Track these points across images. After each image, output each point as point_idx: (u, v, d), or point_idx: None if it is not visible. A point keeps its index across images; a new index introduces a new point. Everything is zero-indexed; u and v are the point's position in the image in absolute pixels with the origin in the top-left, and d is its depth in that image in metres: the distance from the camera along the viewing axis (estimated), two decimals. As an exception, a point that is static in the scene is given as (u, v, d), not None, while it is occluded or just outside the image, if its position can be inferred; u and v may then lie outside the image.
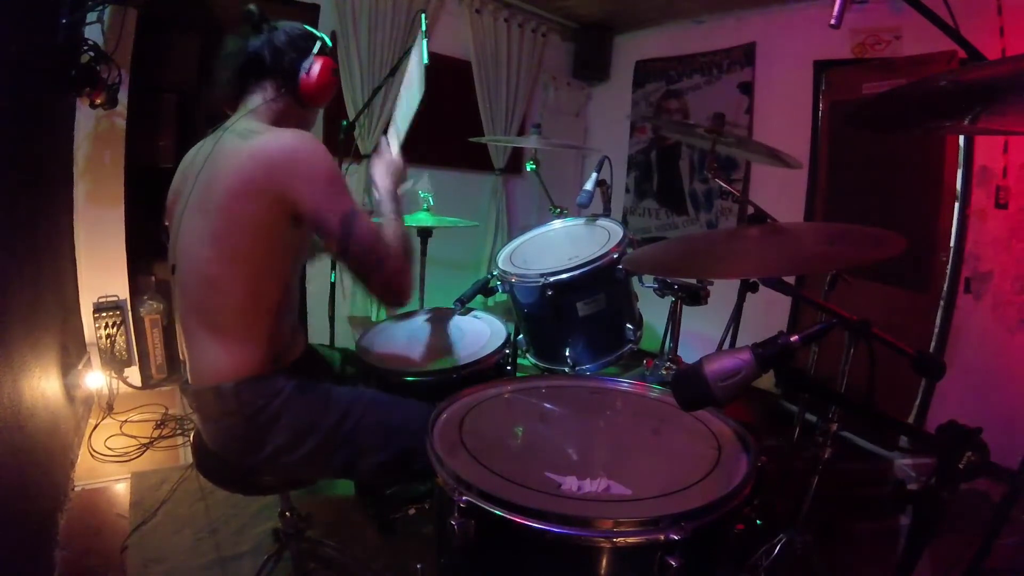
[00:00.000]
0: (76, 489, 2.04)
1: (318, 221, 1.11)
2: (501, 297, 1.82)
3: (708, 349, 0.93)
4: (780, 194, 3.25)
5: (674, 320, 1.77)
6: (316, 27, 1.37)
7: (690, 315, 1.73)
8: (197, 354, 1.16)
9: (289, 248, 1.14)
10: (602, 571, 0.80)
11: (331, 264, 2.47)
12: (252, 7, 1.20)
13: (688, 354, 1.57)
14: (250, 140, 1.10)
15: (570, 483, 0.89)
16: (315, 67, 1.21)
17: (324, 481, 1.96)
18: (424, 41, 2.22)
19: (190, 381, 1.19)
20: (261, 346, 1.14)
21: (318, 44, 1.23)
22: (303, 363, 1.27)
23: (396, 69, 2.79)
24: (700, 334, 2.46)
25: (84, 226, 2.60)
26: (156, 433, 2.44)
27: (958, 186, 2.57)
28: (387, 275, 1.17)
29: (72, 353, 2.33)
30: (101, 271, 2.68)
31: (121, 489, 2.09)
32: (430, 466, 0.92)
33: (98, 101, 2.28)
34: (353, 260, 1.15)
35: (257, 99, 1.21)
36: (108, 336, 2.63)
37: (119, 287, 2.73)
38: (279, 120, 1.22)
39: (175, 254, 1.17)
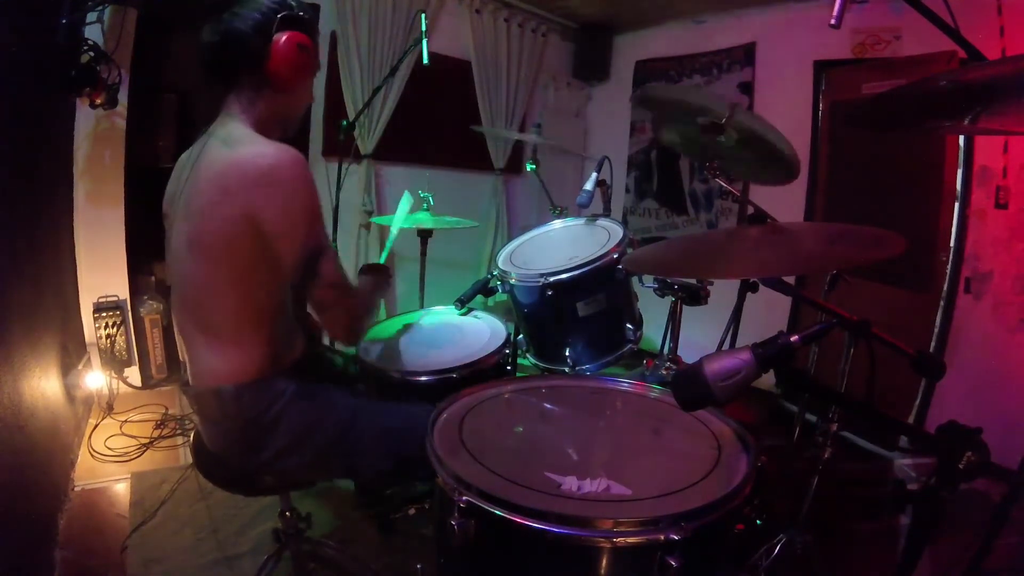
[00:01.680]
0: (76, 489, 2.04)
1: (285, 249, 1.07)
2: (501, 297, 1.82)
3: (708, 349, 0.93)
4: (780, 194, 3.24)
5: (674, 320, 1.77)
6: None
7: (690, 315, 1.73)
8: (196, 356, 1.16)
9: (274, 257, 1.10)
10: (602, 571, 0.80)
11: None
12: None
13: (688, 354, 1.57)
14: (234, 149, 1.06)
15: (570, 483, 0.89)
16: (278, 44, 1.08)
17: (324, 481, 1.97)
18: (424, 41, 2.23)
19: (191, 382, 1.18)
20: (258, 348, 1.14)
21: (278, 18, 1.09)
22: (304, 364, 1.27)
23: (396, 69, 2.79)
24: (700, 334, 2.46)
25: (84, 226, 2.60)
26: (156, 433, 2.44)
27: (958, 186, 2.57)
28: (342, 317, 1.20)
29: (72, 353, 2.33)
30: (101, 271, 2.68)
31: (121, 489, 2.08)
32: (430, 470, 0.92)
33: (98, 101, 2.28)
34: (314, 294, 1.16)
35: (235, 97, 1.14)
36: (108, 336, 2.63)
37: (119, 287, 2.73)
38: (262, 118, 1.15)
39: (170, 259, 1.17)
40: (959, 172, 2.56)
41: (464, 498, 0.83)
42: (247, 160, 1.04)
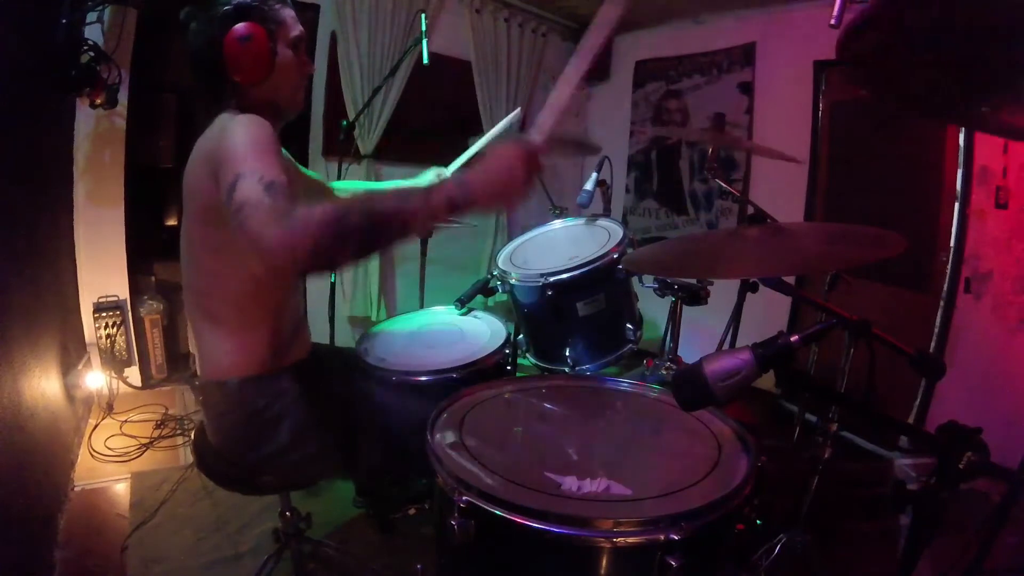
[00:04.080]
0: (76, 489, 2.04)
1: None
2: (501, 297, 1.82)
3: (708, 349, 0.93)
4: (780, 194, 3.25)
5: (674, 320, 1.77)
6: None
7: (690, 315, 1.73)
8: (203, 347, 1.18)
9: None
10: (602, 571, 0.80)
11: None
12: (183, 11, 1.13)
13: (688, 354, 1.57)
14: (217, 131, 1.07)
15: (570, 483, 0.89)
16: (227, 51, 1.08)
17: (324, 481, 1.97)
18: (424, 41, 2.23)
19: (198, 374, 1.20)
20: (261, 341, 1.15)
21: (218, 19, 1.08)
22: (308, 364, 1.27)
23: (396, 69, 2.79)
24: (700, 334, 2.46)
25: (84, 226, 2.60)
26: (156, 433, 2.44)
27: (958, 186, 2.56)
28: (257, 226, 0.85)
29: (72, 353, 2.33)
30: (101, 271, 2.68)
31: (121, 489, 2.08)
32: (429, 464, 0.92)
33: (98, 101, 2.28)
34: (233, 218, 0.89)
35: (222, 96, 1.15)
36: (108, 336, 2.63)
37: (119, 287, 2.73)
38: (250, 107, 1.12)
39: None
40: (959, 172, 2.56)
41: (464, 498, 0.83)
42: (220, 132, 1.03)
